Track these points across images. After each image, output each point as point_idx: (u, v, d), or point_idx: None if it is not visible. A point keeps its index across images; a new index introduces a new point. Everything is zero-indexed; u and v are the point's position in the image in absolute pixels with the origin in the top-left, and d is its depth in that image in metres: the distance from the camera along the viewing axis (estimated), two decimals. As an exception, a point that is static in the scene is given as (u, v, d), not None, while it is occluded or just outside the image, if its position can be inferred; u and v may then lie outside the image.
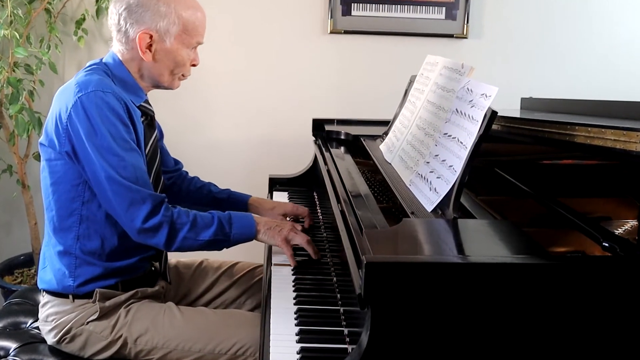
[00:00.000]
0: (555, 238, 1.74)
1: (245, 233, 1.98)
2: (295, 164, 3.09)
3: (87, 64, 2.02)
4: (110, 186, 1.84)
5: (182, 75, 2.07)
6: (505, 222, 1.62)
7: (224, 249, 1.99)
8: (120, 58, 2.01)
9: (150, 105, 2.10)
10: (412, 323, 1.27)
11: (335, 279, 1.88)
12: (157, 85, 2.06)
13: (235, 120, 3.69)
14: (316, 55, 3.66)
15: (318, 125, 2.96)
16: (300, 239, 2.01)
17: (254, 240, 2.02)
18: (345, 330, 1.60)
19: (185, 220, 1.89)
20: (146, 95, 2.07)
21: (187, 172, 2.45)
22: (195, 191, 2.40)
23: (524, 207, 1.95)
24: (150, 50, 1.97)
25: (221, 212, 1.98)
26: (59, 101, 1.91)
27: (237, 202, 2.40)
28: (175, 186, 2.38)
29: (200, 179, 2.47)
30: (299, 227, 2.07)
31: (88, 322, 1.95)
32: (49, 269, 1.99)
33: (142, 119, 2.02)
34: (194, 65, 2.08)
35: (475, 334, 1.28)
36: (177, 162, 2.43)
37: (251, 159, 3.70)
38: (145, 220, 1.85)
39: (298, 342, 1.56)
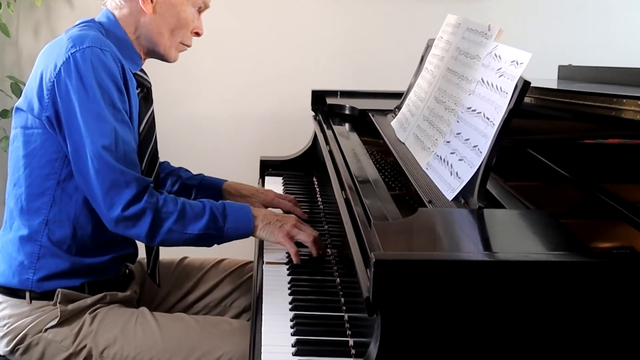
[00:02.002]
0: (599, 231, 1.74)
1: (241, 228, 1.98)
2: (292, 144, 3.09)
3: (78, 21, 2.04)
4: (93, 162, 1.84)
5: (182, 43, 2.10)
6: (540, 212, 1.61)
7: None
8: (117, 15, 2.03)
9: (147, 75, 2.12)
10: (428, 332, 1.27)
11: (338, 280, 1.88)
12: (154, 50, 2.08)
13: (222, 92, 3.68)
14: (317, 15, 3.65)
15: (318, 98, 2.95)
16: (306, 237, 2.00)
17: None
18: (351, 341, 1.60)
19: (172, 209, 1.89)
20: (142, 63, 2.10)
21: None
22: (164, 178, 2.41)
23: (562, 195, 1.95)
24: (151, 1, 2.00)
25: (214, 201, 1.99)
26: (46, 58, 1.92)
27: (209, 188, 2.41)
28: None
29: (178, 163, 2.46)
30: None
31: (46, 329, 1.95)
32: (5, 259, 1.99)
33: (138, 91, 2.04)
34: (196, 34, 2.12)
35: (504, 344, 1.28)
36: None
37: (240, 138, 3.70)
38: (127, 206, 1.84)
39: (295, 354, 1.56)
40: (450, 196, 1.65)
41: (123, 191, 1.84)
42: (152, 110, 2.14)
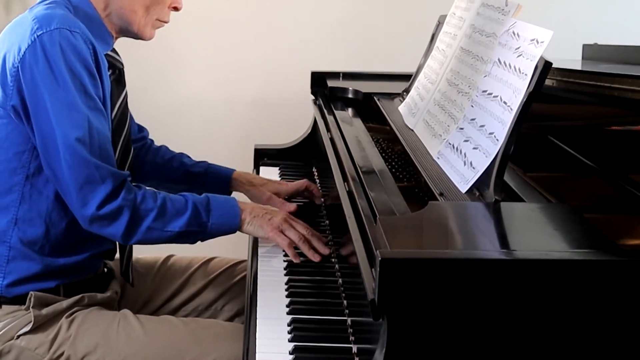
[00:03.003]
0: (627, 227, 1.74)
1: (227, 223, 1.99)
2: (289, 131, 3.08)
3: None
4: (65, 156, 1.84)
5: (158, 19, 2.08)
6: (563, 206, 1.61)
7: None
8: None
9: (118, 55, 2.11)
10: (439, 337, 1.27)
11: (340, 280, 1.88)
12: (127, 29, 2.07)
13: (211, 73, 3.68)
14: (316, -12, 3.64)
15: (319, 80, 2.95)
16: (294, 235, 2.00)
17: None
18: (354, 348, 1.60)
19: (152, 206, 1.90)
20: (114, 42, 2.09)
21: (152, 141, 2.47)
22: (163, 165, 2.41)
23: (587, 187, 1.95)
24: None
25: (197, 194, 1.99)
26: (8, 40, 1.91)
27: (217, 177, 2.41)
28: (137, 159, 2.38)
29: (169, 148, 2.46)
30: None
31: (19, 336, 1.94)
32: None
33: (109, 73, 2.03)
34: (175, 9, 2.11)
35: (524, 351, 1.28)
36: (141, 128, 2.45)
37: (231, 124, 3.70)
38: (102, 205, 1.85)
39: (292, 362, 1.57)
40: (463, 188, 1.65)
41: (98, 188, 1.85)
42: (125, 94, 2.13)
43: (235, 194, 2.28)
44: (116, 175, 1.87)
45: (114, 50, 2.10)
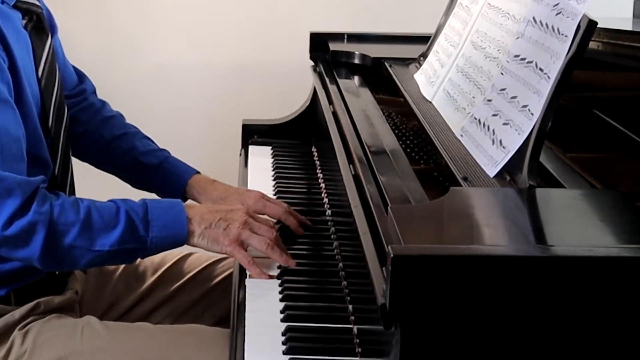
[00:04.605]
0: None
1: (172, 236, 1.93)
2: (284, 103, 3.09)
3: None
4: None
5: None
6: (610, 192, 1.62)
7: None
8: None
9: None
10: (461, 349, 1.27)
11: (345, 282, 1.89)
12: None
13: (192, 36, 3.68)
14: None
15: (319, 43, 2.95)
16: (258, 242, 1.93)
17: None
18: (361, 361, 1.61)
19: (73, 220, 1.85)
20: None
21: (103, 104, 2.40)
22: (111, 141, 2.34)
23: (639, 170, 1.94)
24: None
25: (133, 201, 1.95)
26: None
27: (170, 177, 2.32)
28: (78, 125, 2.31)
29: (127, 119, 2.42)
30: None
31: (-34, 356, 1.95)
32: None
33: (24, 22, 1.99)
34: None
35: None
36: (81, 77, 2.38)
37: (215, 95, 3.70)
38: (9, 222, 1.80)
39: (288, 379, 1.58)
40: (492, 172, 1.65)
41: (3, 203, 1.80)
42: (51, 44, 2.08)
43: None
44: (24, 185, 1.82)
45: None
